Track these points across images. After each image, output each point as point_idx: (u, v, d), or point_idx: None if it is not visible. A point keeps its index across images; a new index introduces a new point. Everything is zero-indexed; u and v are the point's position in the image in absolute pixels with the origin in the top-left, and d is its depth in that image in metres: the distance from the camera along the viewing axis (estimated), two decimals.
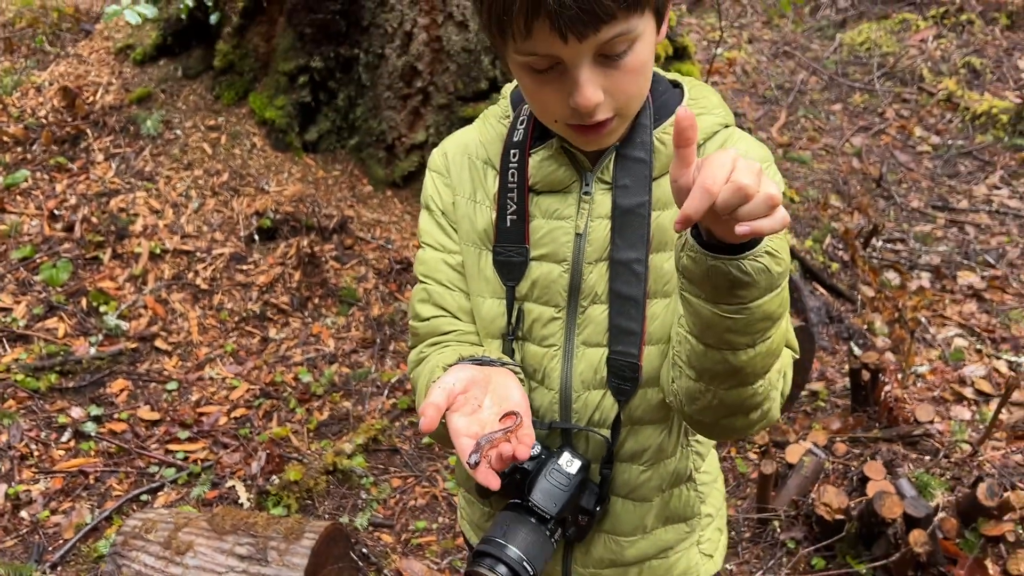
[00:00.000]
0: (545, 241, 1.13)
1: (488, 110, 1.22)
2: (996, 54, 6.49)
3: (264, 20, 4.00)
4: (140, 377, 3.23)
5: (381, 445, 3.01)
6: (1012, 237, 4.57)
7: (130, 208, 3.71)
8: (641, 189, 1.09)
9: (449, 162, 1.21)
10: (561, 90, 0.97)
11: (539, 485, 1.10)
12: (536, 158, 1.11)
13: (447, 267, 1.20)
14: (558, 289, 1.13)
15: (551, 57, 0.95)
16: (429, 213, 1.22)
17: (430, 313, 1.21)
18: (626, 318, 1.11)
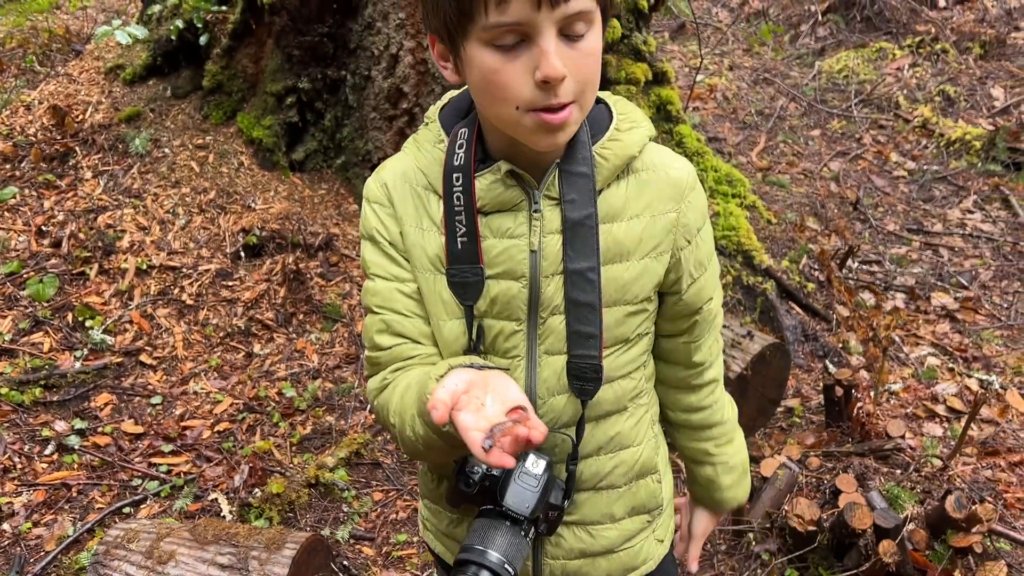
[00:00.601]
0: (501, 260, 1.15)
1: (418, 136, 1.22)
2: (970, 82, 6.64)
3: (253, 42, 4.08)
4: (125, 391, 3.26)
5: (363, 459, 3.05)
6: (985, 260, 4.67)
7: (117, 224, 3.75)
8: (587, 202, 1.13)
9: (391, 192, 1.20)
10: (526, 68, 0.99)
11: (510, 489, 1.13)
12: (484, 181, 1.13)
13: (402, 295, 1.20)
14: (518, 304, 1.17)
15: (518, 30, 0.98)
16: (375, 244, 1.21)
17: (391, 342, 1.21)
18: (584, 323, 1.16)
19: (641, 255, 1.18)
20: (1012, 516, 2.77)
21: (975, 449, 3.10)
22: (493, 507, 1.13)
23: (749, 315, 3.62)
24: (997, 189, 5.36)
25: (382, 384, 1.22)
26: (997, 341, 3.93)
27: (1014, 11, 7.69)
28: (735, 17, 8.54)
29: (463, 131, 1.15)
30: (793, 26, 8.04)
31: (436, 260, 1.17)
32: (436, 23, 1.04)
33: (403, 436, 1.15)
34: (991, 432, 3.20)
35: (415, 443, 1.13)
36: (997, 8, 7.76)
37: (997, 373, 3.63)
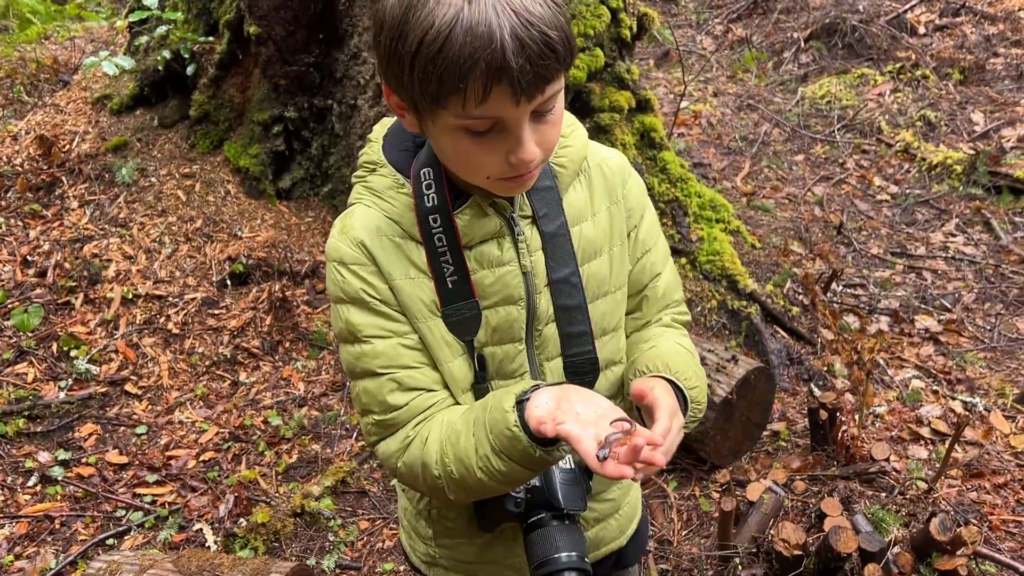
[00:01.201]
0: (496, 288, 1.17)
1: (372, 183, 1.18)
2: (950, 107, 6.74)
3: (239, 72, 4.11)
4: (109, 421, 3.25)
5: (349, 487, 3.04)
6: (968, 282, 4.71)
7: (103, 254, 3.75)
8: (557, 212, 1.20)
9: (370, 250, 1.15)
10: (499, 148, 1.01)
11: (561, 492, 1.18)
12: (465, 217, 1.13)
13: (407, 349, 1.17)
14: (519, 325, 1.20)
15: (493, 119, 0.98)
16: (362, 307, 1.16)
17: (407, 399, 1.17)
18: (575, 324, 1.22)
19: (612, 246, 1.25)
20: (997, 538, 2.77)
21: (960, 471, 3.11)
22: (545, 514, 1.17)
23: (734, 339, 3.64)
24: (979, 212, 5.42)
25: (405, 443, 1.18)
26: (981, 363, 3.95)
27: (992, 37, 7.81)
28: (719, 44, 8.65)
29: (426, 171, 1.14)
30: (776, 53, 8.14)
31: (432, 305, 1.17)
32: (399, 90, 1.02)
33: (465, 480, 1.12)
34: (976, 454, 3.22)
35: (487, 483, 1.10)
36: (976, 35, 7.89)
37: (981, 395, 3.65)
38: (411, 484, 1.23)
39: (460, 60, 0.91)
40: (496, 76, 0.92)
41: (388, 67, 1.00)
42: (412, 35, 0.93)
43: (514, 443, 1.05)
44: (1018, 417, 3.48)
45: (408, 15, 0.93)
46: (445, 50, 0.91)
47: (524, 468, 1.08)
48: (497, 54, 0.91)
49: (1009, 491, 3.03)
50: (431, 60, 0.92)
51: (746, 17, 9.10)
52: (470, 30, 0.90)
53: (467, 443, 1.11)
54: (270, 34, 3.86)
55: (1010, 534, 2.82)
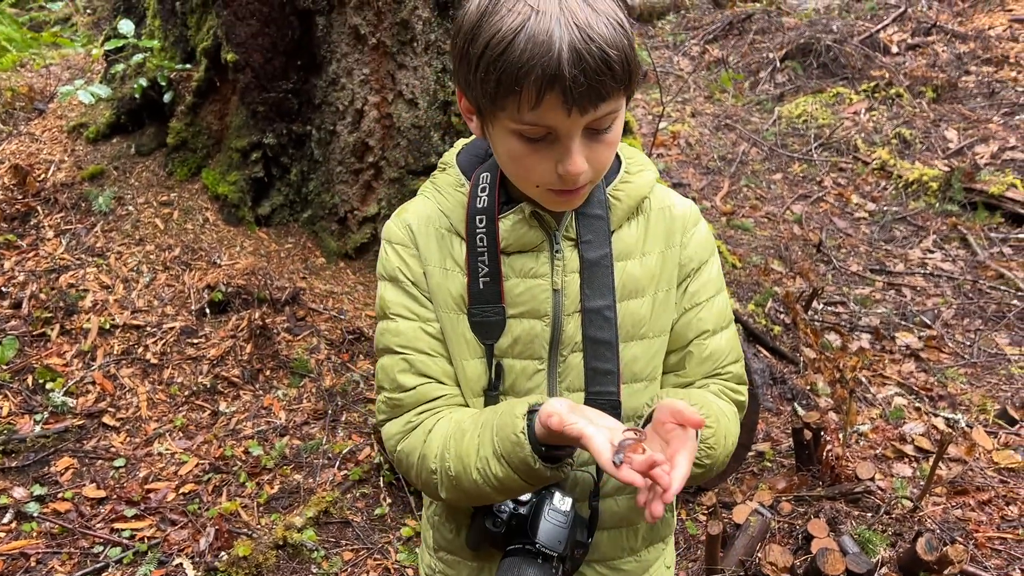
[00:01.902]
0: (524, 299, 1.19)
1: (437, 180, 1.27)
2: (924, 125, 6.83)
3: (217, 99, 4.09)
4: (86, 455, 3.19)
5: (332, 517, 2.99)
6: (946, 298, 4.75)
7: (80, 284, 3.71)
8: (603, 242, 1.20)
9: (414, 234, 1.23)
10: (549, 158, 1.06)
11: (542, 527, 1.16)
12: (507, 222, 1.17)
13: (426, 335, 1.22)
14: (541, 343, 1.20)
15: (547, 128, 1.03)
16: (396, 285, 1.23)
17: (415, 382, 1.22)
18: (602, 360, 1.20)
19: (656, 290, 1.23)
20: (983, 556, 2.77)
21: (944, 489, 3.12)
22: (523, 545, 1.15)
23: None
24: (955, 228, 5.48)
25: (407, 427, 1.22)
26: (961, 379, 3.98)
27: (963, 56, 7.94)
28: (696, 65, 8.73)
29: (485, 175, 1.20)
30: (752, 73, 8.23)
31: (459, 300, 1.20)
32: (466, 90, 1.08)
33: (460, 479, 1.14)
34: (959, 471, 3.23)
35: (481, 485, 1.12)
36: (947, 53, 8.02)
37: (963, 411, 3.67)
38: (405, 471, 1.25)
39: (518, 64, 0.97)
40: (549, 83, 0.97)
41: (459, 67, 1.07)
42: (481, 38, 1.00)
43: (516, 449, 1.07)
44: (1000, 433, 3.50)
45: (482, 20, 1.01)
46: (507, 54, 0.98)
47: (520, 479, 1.09)
48: (552, 62, 0.96)
49: (993, 508, 3.03)
50: (493, 62, 0.99)
51: (722, 38, 9.21)
52: (532, 38, 0.96)
53: (470, 442, 1.13)
54: (248, 61, 3.85)
55: (995, 551, 2.82)
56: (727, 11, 9.87)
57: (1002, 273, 4.91)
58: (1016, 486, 3.14)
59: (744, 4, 10.03)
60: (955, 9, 9.15)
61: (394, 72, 3.78)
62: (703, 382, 1.30)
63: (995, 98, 7.14)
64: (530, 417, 1.08)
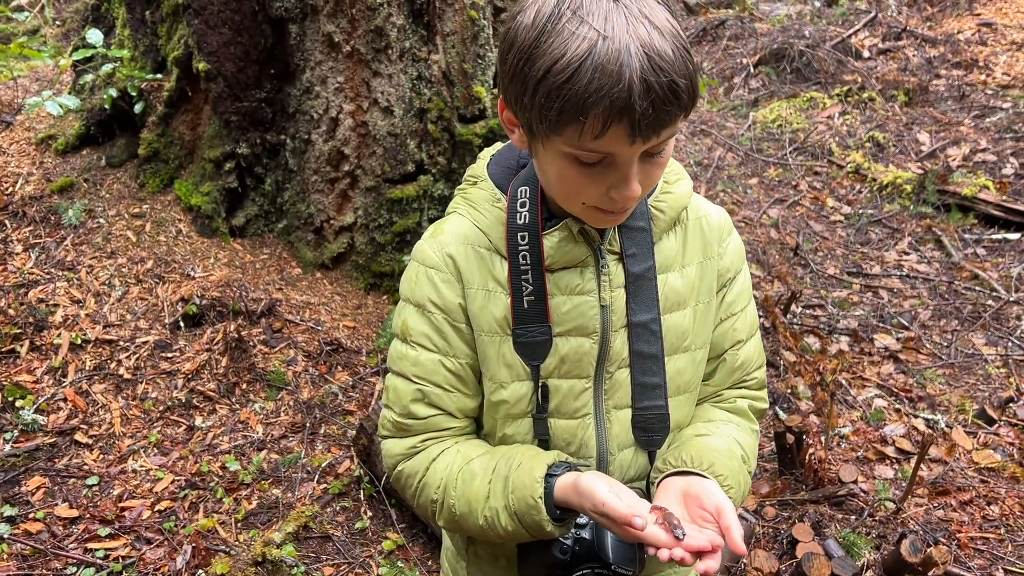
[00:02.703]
0: (572, 316, 1.16)
1: (471, 195, 1.21)
2: (897, 128, 6.89)
3: (189, 109, 4.04)
4: (58, 473, 3.11)
5: (312, 532, 2.94)
6: (923, 299, 4.78)
7: (50, 299, 3.63)
8: (647, 255, 1.17)
9: (455, 257, 1.17)
10: (603, 182, 1.01)
11: (613, 547, 1.14)
12: (553, 239, 1.13)
13: (445, 370, 1.19)
14: (589, 360, 1.18)
15: (605, 154, 0.98)
16: (422, 312, 1.19)
17: (427, 413, 1.20)
18: (649, 375, 1.19)
19: (696, 301, 1.22)
20: (966, 556, 2.78)
21: (926, 490, 3.12)
22: (592, 569, 1.14)
23: None
24: (930, 230, 5.53)
25: (411, 450, 1.22)
26: (940, 380, 4.00)
27: (934, 60, 8.03)
28: None
29: (523, 189, 1.15)
30: (727, 79, 8.28)
31: (503, 322, 1.16)
32: (516, 108, 1.03)
33: (464, 519, 1.15)
34: (940, 471, 3.24)
35: (485, 530, 1.14)
36: (918, 57, 8.11)
37: (942, 412, 3.69)
38: (401, 488, 1.25)
39: (585, 95, 0.91)
40: (618, 116, 0.92)
41: (510, 86, 1.00)
42: (542, 61, 0.93)
43: (532, 512, 1.08)
44: (979, 432, 3.51)
45: (540, 40, 0.94)
46: (572, 82, 0.91)
47: (528, 534, 1.12)
48: (623, 94, 0.90)
49: (975, 507, 3.04)
50: (556, 89, 0.92)
51: (696, 44, 9.25)
52: (601, 67, 0.90)
53: (480, 488, 1.13)
54: (220, 70, 3.81)
55: (978, 551, 2.83)
56: (700, 17, 9.93)
57: (977, 274, 4.95)
58: (996, 486, 3.15)
59: (717, 10, 10.10)
60: (924, 14, 9.27)
61: (369, 80, 3.74)
62: (729, 393, 1.32)
63: (965, 101, 7.23)
64: (548, 481, 1.09)
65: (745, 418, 1.32)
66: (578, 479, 1.06)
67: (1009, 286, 4.78)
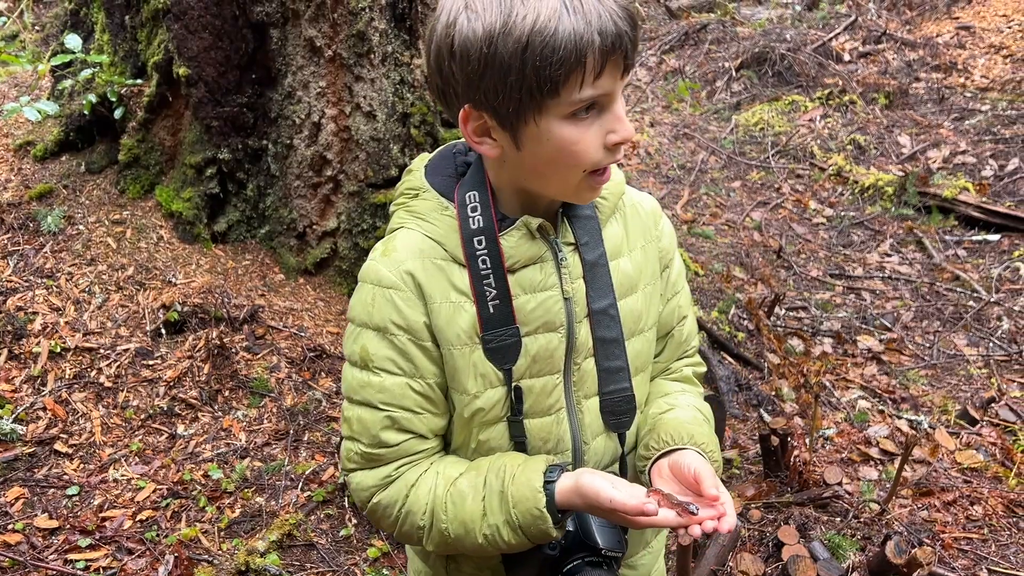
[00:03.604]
0: (538, 314, 1.16)
1: (416, 207, 1.18)
2: (878, 131, 6.94)
3: (170, 114, 4.00)
4: (38, 483, 3.07)
5: (296, 540, 2.92)
6: (905, 301, 4.81)
7: (28, 307, 3.59)
8: (598, 242, 1.20)
9: (414, 274, 1.14)
10: (599, 131, 1.04)
11: (599, 533, 1.16)
12: (511, 239, 1.13)
13: (414, 392, 1.16)
14: (559, 355, 1.19)
15: (598, 97, 1.01)
16: (383, 335, 1.14)
17: (399, 439, 1.17)
18: (612, 359, 1.21)
19: (645, 284, 1.25)
20: (950, 557, 2.79)
21: (910, 491, 3.14)
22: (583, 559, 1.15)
23: None
24: (911, 232, 5.57)
25: (386, 480, 1.19)
26: (922, 381, 4.02)
27: (913, 63, 8.10)
28: (653, 75, 8.80)
29: (472, 194, 1.14)
30: (709, 82, 8.32)
31: (471, 331, 1.15)
32: (495, 102, 1.01)
33: (461, 541, 1.15)
34: (924, 472, 3.25)
35: (484, 546, 1.14)
36: (897, 61, 8.18)
37: (925, 413, 3.71)
38: (377, 520, 1.22)
39: (578, 37, 0.95)
40: (610, 47, 0.97)
41: (483, 80, 1.00)
42: (517, 32, 0.96)
43: (538, 523, 1.10)
44: (962, 433, 3.54)
45: (506, 19, 0.96)
46: (561, 31, 0.95)
47: (530, 543, 1.13)
48: (609, 25, 0.96)
49: (958, 508, 3.06)
50: (547, 45, 0.95)
51: (678, 48, 9.29)
52: (577, 9, 0.95)
53: (474, 507, 1.13)
54: (201, 75, 3.78)
55: (962, 551, 2.84)
56: (682, 22, 9.97)
57: (958, 275, 4.99)
58: (979, 486, 3.17)
59: (699, 15, 10.14)
60: (904, 18, 9.35)
61: (351, 84, 3.73)
62: (676, 364, 1.40)
63: (945, 103, 7.29)
64: (547, 487, 1.11)
65: (693, 384, 1.40)
66: (579, 483, 1.08)
67: (989, 287, 4.82)
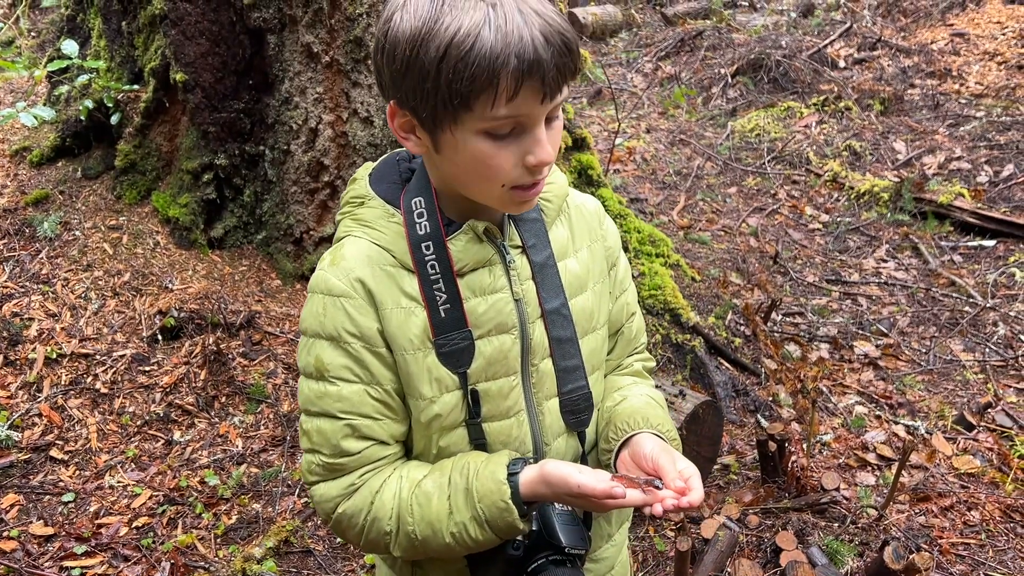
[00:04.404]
0: (489, 316, 1.17)
1: (362, 215, 1.17)
2: (873, 137, 6.96)
3: (167, 120, 4.00)
4: (33, 490, 3.06)
5: (293, 547, 2.91)
6: (901, 306, 4.81)
7: (24, 312, 3.58)
8: (545, 244, 1.22)
9: (364, 281, 1.13)
10: (517, 152, 1.03)
11: (562, 531, 1.16)
12: (459, 243, 1.14)
13: (371, 399, 1.15)
14: (513, 356, 1.19)
15: (516, 119, 1.00)
16: (337, 344, 1.13)
17: (360, 447, 1.16)
18: (568, 358, 1.24)
19: (594, 283, 1.28)
20: (948, 562, 2.79)
21: (907, 496, 3.14)
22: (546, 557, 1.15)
23: (680, 373, 3.64)
24: (907, 238, 5.58)
25: (350, 488, 1.17)
26: (919, 386, 4.02)
27: (908, 69, 8.13)
28: (649, 82, 8.82)
29: (418, 200, 1.15)
30: (705, 88, 8.34)
31: (423, 336, 1.15)
32: (414, 103, 1.02)
33: (428, 542, 1.14)
34: (921, 478, 3.25)
35: (452, 546, 1.13)
36: (893, 67, 8.21)
37: (922, 418, 3.71)
38: (342, 531, 1.20)
39: (492, 56, 0.94)
40: (528, 71, 0.95)
41: (404, 81, 1.00)
42: (437, 40, 0.95)
43: (504, 515, 1.09)
44: (958, 438, 3.54)
45: (431, 25, 0.96)
46: (476, 48, 0.94)
47: (499, 538, 1.12)
48: (528, 49, 0.94)
49: (956, 513, 3.06)
50: (462, 59, 0.94)
51: (674, 55, 9.32)
52: (499, 28, 0.94)
53: (439, 506, 1.13)
54: (198, 81, 3.78)
55: (959, 557, 2.84)
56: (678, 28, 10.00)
57: (953, 281, 5.00)
58: (976, 491, 3.17)
59: (695, 21, 10.18)
60: (898, 24, 9.39)
61: (348, 90, 3.73)
62: (627, 361, 1.42)
63: (940, 110, 7.31)
64: (511, 479, 1.10)
65: (644, 377, 1.42)
66: (544, 471, 1.09)
67: (985, 292, 4.83)
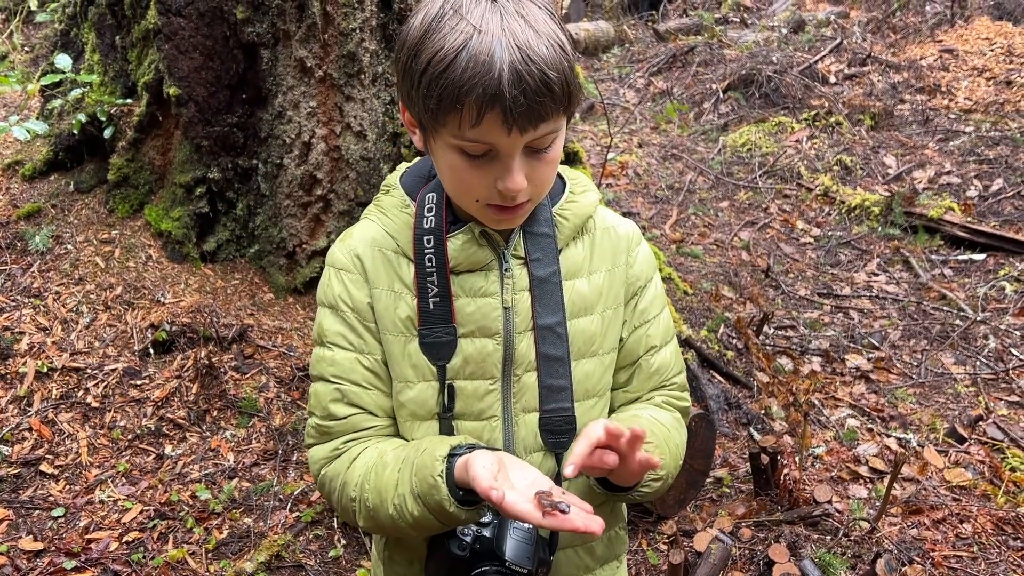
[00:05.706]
0: (475, 318, 1.19)
1: (382, 202, 1.26)
2: (864, 152, 7.01)
3: (160, 134, 4.01)
4: (22, 505, 3.04)
5: (285, 561, 2.89)
6: (892, 320, 4.84)
7: (15, 326, 3.56)
8: (551, 260, 1.22)
9: (361, 258, 1.22)
10: (489, 174, 1.06)
11: (509, 545, 1.14)
12: (456, 242, 1.17)
13: (362, 367, 1.22)
14: (493, 361, 1.20)
15: (487, 145, 1.03)
16: (336, 313, 1.22)
17: (346, 412, 1.22)
18: (555, 377, 1.22)
19: (604, 307, 1.26)
20: (940, 575, 2.79)
21: (900, 508, 3.14)
22: (491, 567, 1.13)
23: None
24: (898, 252, 5.61)
25: (333, 453, 1.22)
26: (911, 399, 4.04)
27: (898, 85, 8.20)
28: (641, 97, 8.87)
29: (430, 196, 1.20)
30: (697, 104, 8.39)
31: (408, 322, 1.19)
32: (409, 103, 1.08)
33: (377, 512, 1.15)
34: (913, 490, 3.26)
35: (396, 521, 1.13)
36: (882, 83, 8.28)
37: (913, 431, 3.72)
38: (327, 496, 1.25)
39: (459, 83, 0.97)
40: (490, 103, 0.97)
41: (402, 82, 1.08)
42: (424, 54, 1.01)
43: (433, 492, 1.07)
44: (950, 451, 3.55)
45: (425, 37, 1.01)
46: (448, 71, 0.98)
47: (436, 519, 1.10)
48: (493, 82, 0.96)
49: (948, 526, 3.06)
50: (435, 79, 0.99)
51: (666, 70, 9.38)
52: (473, 57, 0.97)
53: (390, 477, 1.14)
54: (191, 95, 3.79)
55: (952, 570, 2.84)
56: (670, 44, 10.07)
57: (944, 294, 5.02)
58: (968, 504, 3.18)
59: (686, 37, 10.25)
60: (888, 40, 9.48)
61: (342, 104, 3.74)
62: (649, 395, 1.35)
63: (929, 125, 7.37)
64: (450, 460, 1.08)
65: (667, 410, 1.35)
66: (470, 454, 1.05)
67: (976, 306, 4.86)
